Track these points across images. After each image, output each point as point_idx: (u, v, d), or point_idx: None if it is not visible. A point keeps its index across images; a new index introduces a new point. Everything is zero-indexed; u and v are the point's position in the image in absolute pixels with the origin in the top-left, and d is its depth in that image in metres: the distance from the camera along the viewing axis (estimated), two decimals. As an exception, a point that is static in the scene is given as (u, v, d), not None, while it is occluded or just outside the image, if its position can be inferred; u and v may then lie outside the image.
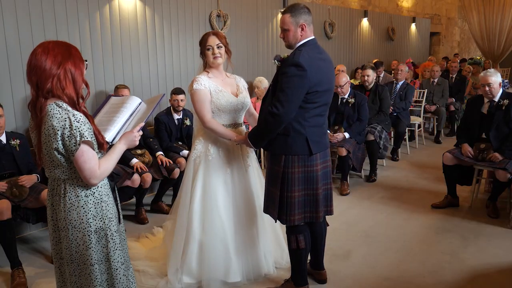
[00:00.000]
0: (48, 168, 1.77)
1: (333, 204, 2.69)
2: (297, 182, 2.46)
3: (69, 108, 1.68)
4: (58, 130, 1.64)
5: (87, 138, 1.67)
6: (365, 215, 4.02)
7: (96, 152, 1.75)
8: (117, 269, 1.86)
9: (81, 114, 1.69)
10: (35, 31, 3.67)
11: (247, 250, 2.80)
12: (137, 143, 1.91)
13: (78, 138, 1.65)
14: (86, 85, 1.79)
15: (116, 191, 1.98)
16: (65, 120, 1.65)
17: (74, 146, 1.65)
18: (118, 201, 1.96)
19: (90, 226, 1.78)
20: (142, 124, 1.91)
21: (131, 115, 1.95)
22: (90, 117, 1.76)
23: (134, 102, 1.98)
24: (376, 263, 3.11)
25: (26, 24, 3.61)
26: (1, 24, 3.47)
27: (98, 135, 1.76)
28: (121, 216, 1.97)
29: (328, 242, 2.97)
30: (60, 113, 1.66)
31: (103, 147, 1.79)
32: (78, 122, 1.66)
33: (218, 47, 2.67)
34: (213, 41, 2.67)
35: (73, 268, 1.82)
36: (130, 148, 1.93)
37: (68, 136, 1.64)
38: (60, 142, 1.66)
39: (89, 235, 1.78)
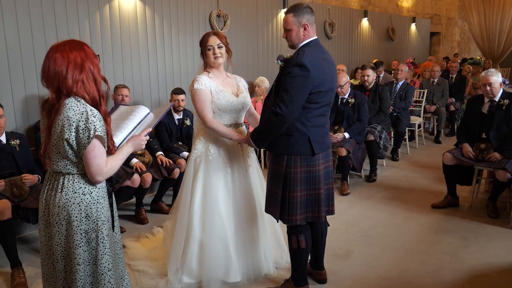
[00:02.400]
0: (51, 160, 1.77)
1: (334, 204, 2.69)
2: (299, 182, 2.46)
3: (87, 104, 1.71)
4: (73, 122, 1.66)
5: (100, 133, 1.69)
6: (365, 215, 4.02)
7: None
8: (103, 274, 1.83)
9: (97, 111, 1.72)
10: (35, 31, 3.66)
11: (247, 250, 2.80)
12: (144, 147, 1.94)
13: (92, 132, 1.67)
14: (105, 80, 1.82)
15: (113, 197, 1.98)
16: (82, 113, 1.67)
17: (87, 139, 1.67)
18: (114, 207, 1.96)
19: (82, 225, 1.77)
20: (150, 129, 1.95)
21: (139, 123, 1.99)
22: (109, 118, 1.78)
23: (142, 112, 2.02)
24: (376, 263, 3.11)
25: (26, 24, 3.61)
26: (1, 24, 3.47)
27: (109, 139, 1.78)
28: (116, 223, 1.95)
29: (328, 242, 2.97)
30: (77, 106, 1.68)
31: (111, 152, 1.80)
32: (95, 117, 1.69)
33: (218, 47, 2.68)
34: (214, 41, 2.67)
35: (64, 264, 1.82)
36: (135, 151, 1.94)
37: (83, 128, 1.66)
38: (73, 134, 1.67)
39: (80, 234, 1.77)
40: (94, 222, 1.80)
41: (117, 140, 1.88)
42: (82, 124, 1.66)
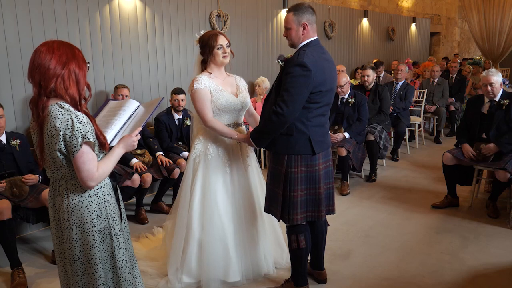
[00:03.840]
0: (51, 169, 1.76)
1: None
2: (299, 181, 2.47)
3: (72, 109, 1.68)
4: (60, 131, 1.64)
5: (89, 139, 1.67)
6: (365, 215, 4.02)
7: (98, 153, 1.75)
8: (122, 268, 1.87)
9: (83, 115, 1.69)
10: (35, 31, 3.67)
11: (246, 250, 2.80)
12: (136, 147, 1.91)
13: (80, 139, 1.64)
14: (88, 87, 1.79)
15: (119, 191, 1.98)
16: (68, 121, 1.64)
17: (75, 147, 1.64)
18: (121, 201, 1.97)
19: (95, 226, 1.78)
20: (140, 128, 1.91)
21: (129, 118, 1.95)
22: (92, 118, 1.75)
23: (132, 106, 1.99)
24: (376, 263, 3.11)
25: (26, 24, 3.61)
26: (1, 24, 3.47)
27: (100, 135, 1.76)
28: (124, 216, 1.97)
29: (328, 242, 2.97)
30: (62, 114, 1.65)
31: (105, 147, 1.78)
32: (81, 123, 1.66)
33: (227, 46, 2.69)
34: (223, 40, 2.69)
35: (75, 268, 1.83)
36: (127, 151, 1.93)
37: (70, 136, 1.64)
38: (62, 143, 1.65)
39: (93, 235, 1.78)
40: (106, 220, 1.81)
41: (108, 137, 1.85)
42: (68, 132, 1.63)
